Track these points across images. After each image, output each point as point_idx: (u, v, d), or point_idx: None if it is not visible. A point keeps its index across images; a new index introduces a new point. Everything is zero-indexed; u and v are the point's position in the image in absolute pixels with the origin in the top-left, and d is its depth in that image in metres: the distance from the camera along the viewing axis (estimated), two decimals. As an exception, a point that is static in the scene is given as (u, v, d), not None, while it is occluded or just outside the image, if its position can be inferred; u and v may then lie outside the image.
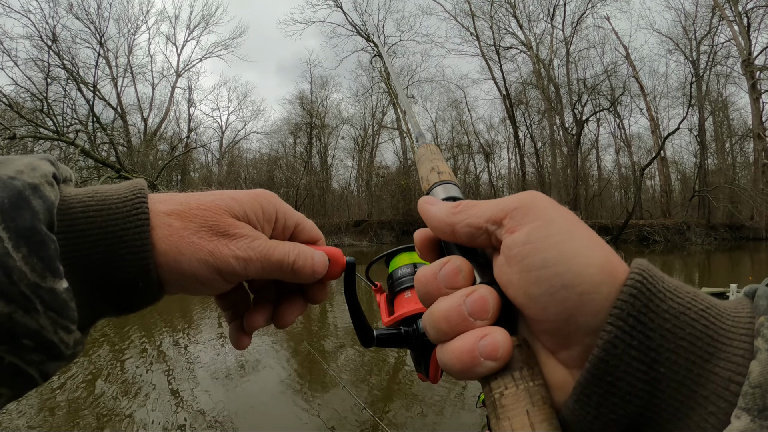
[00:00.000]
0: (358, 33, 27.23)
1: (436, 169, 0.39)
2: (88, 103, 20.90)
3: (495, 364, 0.26)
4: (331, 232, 22.50)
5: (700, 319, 0.24)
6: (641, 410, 0.24)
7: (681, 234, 22.01)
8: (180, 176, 27.09)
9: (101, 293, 0.32)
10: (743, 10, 20.97)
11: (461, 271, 0.30)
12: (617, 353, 0.24)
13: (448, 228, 0.32)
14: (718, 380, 0.23)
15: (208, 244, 0.35)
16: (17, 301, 0.26)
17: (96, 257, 0.31)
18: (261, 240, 0.38)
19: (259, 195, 0.40)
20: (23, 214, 0.27)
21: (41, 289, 0.27)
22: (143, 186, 0.35)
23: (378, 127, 29.03)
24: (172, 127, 28.71)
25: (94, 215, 0.32)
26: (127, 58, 25.65)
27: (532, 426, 0.25)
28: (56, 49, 19.39)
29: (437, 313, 0.29)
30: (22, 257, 0.26)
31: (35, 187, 0.29)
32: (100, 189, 0.34)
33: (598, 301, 0.24)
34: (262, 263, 0.37)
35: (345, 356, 5.64)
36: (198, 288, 0.36)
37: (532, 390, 0.26)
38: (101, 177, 18.13)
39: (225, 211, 0.37)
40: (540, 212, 0.28)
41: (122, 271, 0.32)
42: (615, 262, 0.26)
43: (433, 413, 4.00)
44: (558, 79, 25.45)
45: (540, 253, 0.26)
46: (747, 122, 23.88)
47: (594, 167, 27.84)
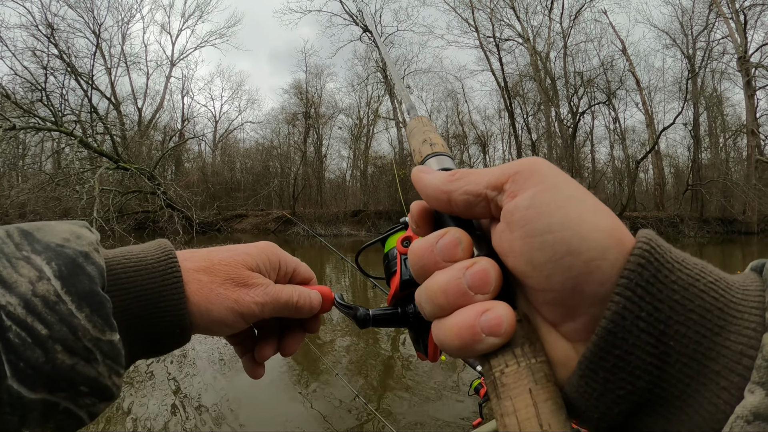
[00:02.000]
0: (354, 22, 27.05)
1: (429, 141, 0.37)
2: (86, 94, 20.72)
3: (498, 340, 0.25)
4: (329, 222, 22.49)
5: (709, 291, 0.23)
6: (650, 386, 0.23)
7: (674, 227, 22.25)
8: (174, 166, 26.91)
9: (141, 341, 0.37)
10: (740, 8, 21.08)
11: (460, 243, 0.28)
12: (626, 325, 0.23)
13: (444, 196, 0.30)
14: (730, 354, 0.22)
15: (232, 294, 0.42)
16: (80, 354, 0.30)
17: (138, 312, 0.36)
18: (271, 286, 0.45)
19: (265, 248, 0.48)
20: (81, 279, 0.31)
21: (101, 342, 0.31)
22: (170, 246, 0.41)
23: (374, 117, 29.00)
24: (166, 117, 28.51)
25: (134, 275, 0.37)
26: (121, 47, 25.36)
27: (535, 405, 0.24)
28: (54, 40, 19.09)
29: (434, 286, 0.28)
30: (85, 316, 0.31)
31: (86, 255, 0.33)
32: (133, 250, 0.40)
33: (606, 268, 0.23)
34: (274, 305, 0.44)
35: (340, 345, 5.67)
36: (224, 330, 0.42)
37: (535, 367, 0.25)
38: (99, 167, 18.00)
39: (242, 265, 0.44)
40: (543, 177, 0.26)
41: (162, 321, 0.37)
42: (622, 229, 0.25)
43: (428, 401, 4.05)
44: (555, 72, 25.50)
45: (544, 218, 0.25)
46: (741, 118, 24.12)
47: (588, 159, 28.00)
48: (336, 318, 7.22)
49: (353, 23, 27.07)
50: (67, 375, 0.30)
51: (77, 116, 20.43)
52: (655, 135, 23.64)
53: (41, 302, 0.29)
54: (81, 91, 21.17)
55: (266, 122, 32.88)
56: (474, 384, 2.24)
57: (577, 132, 25.11)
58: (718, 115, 25.07)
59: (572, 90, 25.13)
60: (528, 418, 0.23)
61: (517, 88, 26.35)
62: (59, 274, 0.31)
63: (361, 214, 23.40)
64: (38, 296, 0.29)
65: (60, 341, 0.29)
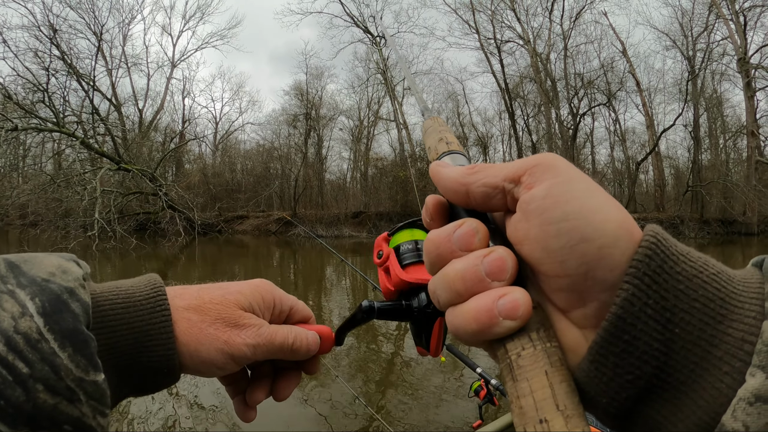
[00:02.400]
0: (355, 24, 27.11)
1: (445, 140, 0.39)
2: (87, 95, 20.75)
3: (514, 323, 0.26)
4: (331, 224, 22.51)
5: (712, 282, 0.24)
6: (657, 371, 0.24)
7: (675, 228, 22.27)
8: (175, 168, 26.93)
9: (127, 380, 0.36)
10: (740, 9, 21.12)
11: (477, 233, 0.29)
12: (634, 311, 0.24)
13: (462, 188, 0.31)
14: (732, 340, 0.23)
15: (223, 335, 0.40)
16: (63, 394, 0.29)
17: (125, 350, 0.35)
18: (265, 327, 0.43)
19: (259, 286, 0.46)
20: (65, 317, 0.30)
21: (85, 382, 0.30)
22: (160, 282, 0.40)
23: (374, 119, 29.03)
24: (167, 119, 28.55)
25: (122, 312, 0.36)
26: (122, 48, 25.41)
27: (551, 386, 0.24)
28: (56, 41, 19.12)
29: (452, 273, 0.28)
30: (68, 356, 0.30)
31: (71, 291, 0.32)
32: (122, 285, 0.38)
33: (616, 255, 0.25)
34: (268, 347, 0.43)
35: (340, 347, 5.61)
36: (214, 371, 0.41)
37: (550, 351, 0.26)
38: (101, 168, 18.04)
39: (234, 305, 0.43)
40: (559, 170, 0.28)
41: (150, 361, 0.36)
42: (632, 222, 0.26)
43: (428, 403, 4.04)
44: (555, 74, 25.54)
45: (561, 207, 0.26)
46: (741, 119, 24.15)
47: (588, 160, 28.03)
48: (334, 320, 7.25)
49: (354, 25, 27.13)
50: (49, 414, 0.29)
51: (78, 117, 20.46)
52: (655, 136, 23.68)
53: (23, 340, 0.29)
54: (82, 92, 21.23)
55: (266, 123, 32.99)
56: (474, 386, 2.24)
57: (577, 133, 25.14)
58: (718, 116, 25.11)
59: (573, 92, 25.18)
60: (545, 398, 0.24)
61: (518, 90, 26.41)
62: (42, 311, 0.30)
63: (362, 215, 23.43)
64: (20, 333, 0.29)
65: (41, 381, 0.29)
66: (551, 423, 0.24)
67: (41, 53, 19.35)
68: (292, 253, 17.03)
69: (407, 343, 5.87)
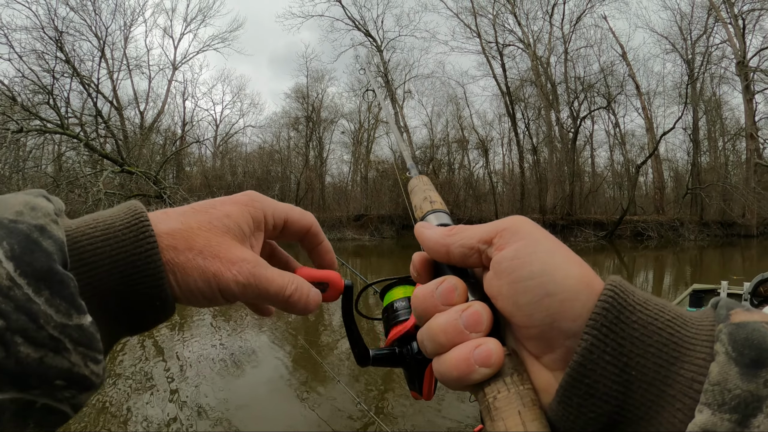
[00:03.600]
0: (356, 27, 27.26)
1: (429, 199, 0.43)
2: (91, 98, 20.84)
3: (488, 370, 0.29)
4: (333, 227, 22.62)
5: (666, 328, 0.27)
6: (617, 409, 0.27)
7: (674, 230, 22.39)
8: (175, 171, 26.99)
9: (118, 319, 0.33)
10: (739, 12, 21.25)
11: (456, 289, 0.33)
12: (593, 358, 0.26)
13: (443, 249, 0.35)
14: (683, 380, 0.25)
15: (212, 266, 0.36)
16: (47, 345, 0.27)
17: (111, 286, 0.32)
18: (261, 268, 0.39)
19: (247, 204, 0.41)
20: (37, 257, 0.27)
21: (69, 328, 0.28)
22: (141, 208, 0.36)
23: (375, 121, 29.15)
24: (168, 121, 28.58)
25: (102, 245, 0.32)
26: (124, 51, 25.50)
27: (524, 424, 0.27)
28: (61, 44, 19.19)
29: (435, 327, 0.32)
30: (45, 300, 0.27)
31: (42, 228, 0.29)
32: (99, 216, 0.34)
33: (577, 307, 0.28)
34: (259, 291, 0.38)
35: (341, 351, 5.68)
36: (203, 302, 0.38)
37: (523, 393, 0.29)
38: (104, 171, 18.11)
39: (223, 231, 0.38)
40: (526, 233, 0.31)
41: (139, 295, 0.33)
42: (591, 276, 0.29)
43: (429, 407, 4.05)
44: (555, 77, 25.68)
45: (527, 267, 0.29)
46: (739, 122, 24.27)
47: (588, 163, 28.15)
48: (336, 322, 7.25)
49: (355, 28, 27.30)
50: (36, 370, 0.26)
51: (79, 119, 20.50)
52: (654, 139, 23.79)
53: None
54: (83, 94, 21.28)
55: (267, 126, 33.09)
56: None
57: (577, 137, 25.26)
58: (717, 119, 25.23)
59: (573, 95, 25.31)
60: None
61: (518, 93, 26.54)
62: (11, 254, 0.27)
63: (364, 218, 23.53)
64: None
65: (19, 332, 0.26)
66: None
67: (46, 55, 19.41)
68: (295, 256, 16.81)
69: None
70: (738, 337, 0.25)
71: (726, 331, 0.26)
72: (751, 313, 0.27)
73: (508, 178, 29.04)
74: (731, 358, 0.24)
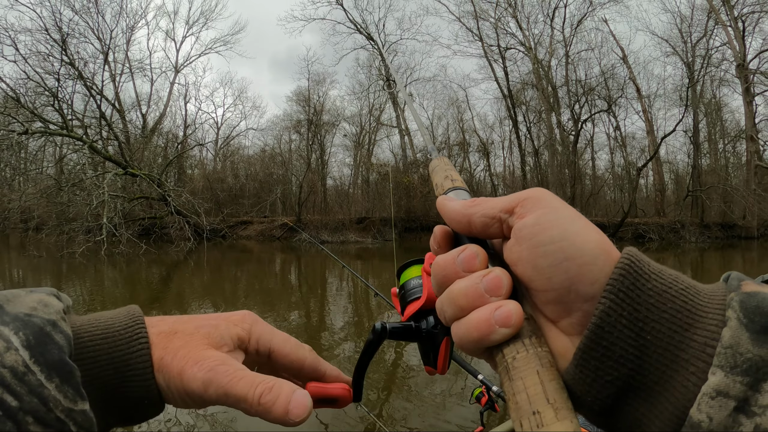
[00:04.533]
0: (358, 31, 27.37)
1: (450, 177, 0.44)
2: (95, 100, 20.92)
3: (508, 330, 0.30)
4: (335, 230, 22.69)
5: (680, 296, 0.28)
6: (633, 373, 0.28)
7: (675, 232, 22.41)
8: (177, 173, 27.07)
9: (111, 410, 0.35)
10: (738, 15, 21.31)
11: (478, 256, 0.34)
12: (611, 321, 0.27)
13: (465, 219, 0.36)
14: (696, 345, 0.26)
15: (179, 363, 0.36)
16: (53, 426, 0.29)
17: (107, 380, 0.34)
18: (225, 366, 0.36)
19: (237, 322, 0.42)
20: (50, 349, 0.30)
21: (74, 413, 0.30)
22: (139, 312, 0.39)
23: (376, 124, 29.24)
24: (169, 124, 28.66)
25: (101, 342, 0.35)
26: (126, 53, 25.59)
27: (542, 383, 0.28)
28: (65, 46, 19.23)
29: (456, 291, 0.33)
30: (56, 386, 0.30)
31: (54, 323, 0.32)
32: (101, 317, 0.38)
33: (595, 271, 0.29)
34: (224, 390, 0.35)
35: (341, 354, 5.68)
36: (183, 403, 0.38)
37: (541, 354, 0.29)
38: (108, 173, 18.21)
39: (203, 338, 0.39)
40: (546, 202, 0.32)
41: (131, 390, 0.35)
42: (609, 244, 0.30)
43: (430, 410, 4.07)
44: (556, 80, 25.75)
45: (547, 232, 0.30)
46: (740, 123, 24.33)
47: (589, 166, 28.21)
48: (336, 325, 7.26)
49: (357, 31, 27.40)
50: None
51: (80, 121, 20.56)
52: (655, 142, 23.83)
53: (10, 373, 0.29)
54: (85, 96, 21.33)
55: (267, 129, 33.21)
56: (475, 392, 2.25)
57: (578, 139, 25.33)
58: (717, 121, 25.28)
59: (574, 98, 25.38)
60: (536, 394, 0.28)
61: (519, 96, 26.61)
62: (27, 344, 0.30)
63: (366, 221, 23.58)
64: (6, 367, 0.29)
65: (31, 413, 0.28)
66: (543, 414, 0.27)
67: (51, 58, 19.45)
68: (297, 259, 17.04)
69: (408, 350, 5.93)
70: (749, 304, 0.26)
71: (737, 299, 0.27)
72: (762, 286, 0.28)
73: (509, 180, 29.07)
74: (742, 323, 0.25)
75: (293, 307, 8.44)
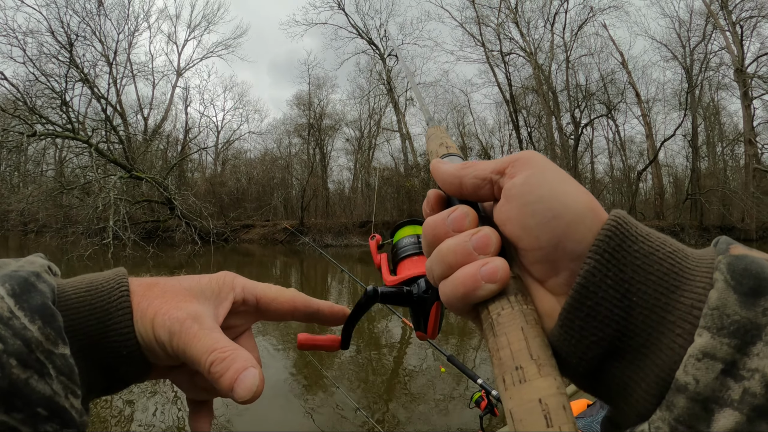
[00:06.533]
0: (359, 35, 27.54)
1: (445, 144, 0.44)
2: (100, 104, 21.03)
3: (494, 286, 0.30)
4: (339, 233, 22.79)
5: (667, 258, 0.28)
6: (618, 334, 0.27)
7: (675, 235, 22.12)
8: (178, 177, 27.11)
9: (94, 366, 0.35)
10: (737, 19, 21.46)
11: (468, 216, 0.34)
12: (596, 281, 0.27)
13: (456, 180, 0.35)
14: (683, 307, 0.26)
15: (154, 307, 0.36)
16: (33, 367, 0.30)
17: (88, 331, 0.34)
18: (196, 322, 0.36)
19: (218, 278, 0.42)
20: (33, 296, 0.32)
21: (54, 355, 0.31)
22: (124, 271, 0.39)
23: (376, 128, 29.37)
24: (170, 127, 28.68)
25: (84, 294, 0.35)
26: (128, 56, 25.69)
27: (526, 339, 0.28)
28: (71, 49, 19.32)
29: (445, 249, 0.33)
30: (38, 328, 0.30)
31: (38, 274, 0.33)
32: (87, 276, 0.38)
33: (583, 230, 0.29)
34: (183, 347, 0.35)
35: (341, 358, 5.69)
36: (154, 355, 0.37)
37: (526, 311, 0.29)
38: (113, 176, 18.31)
39: (183, 289, 0.39)
40: (536, 163, 0.32)
41: (111, 340, 0.35)
42: (597, 205, 0.30)
43: (429, 414, 4.09)
44: (557, 85, 25.90)
45: (536, 191, 0.30)
46: (738, 127, 24.43)
47: (588, 170, 28.33)
48: (336, 329, 7.34)
49: (358, 36, 27.56)
50: (22, 391, 0.29)
51: (81, 123, 20.57)
52: (654, 146, 23.98)
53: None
54: (86, 98, 21.49)
55: (268, 133, 33.15)
56: (475, 397, 2.26)
57: (579, 144, 25.48)
58: (715, 124, 25.41)
59: (575, 103, 25.52)
60: (520, 350, 0.27)
61: (519, 100, 26.76)
62: (12, 293, 0.31)
63: (369, 224, 23.60)
64: None
65: (14, 355, 0.29)
66: (525, 370, 0.27)
67: (57, 60, 19.50)
68: (299, 263, 17.10)
69: (408, 354, 6.02)
70: (737, 267, 0.25)
71: (725, 261, 0.26)
72: (751, 249, 0.28)
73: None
74: (729, 285, 0.25)
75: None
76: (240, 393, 0.34)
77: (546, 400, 0.25)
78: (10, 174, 22.09)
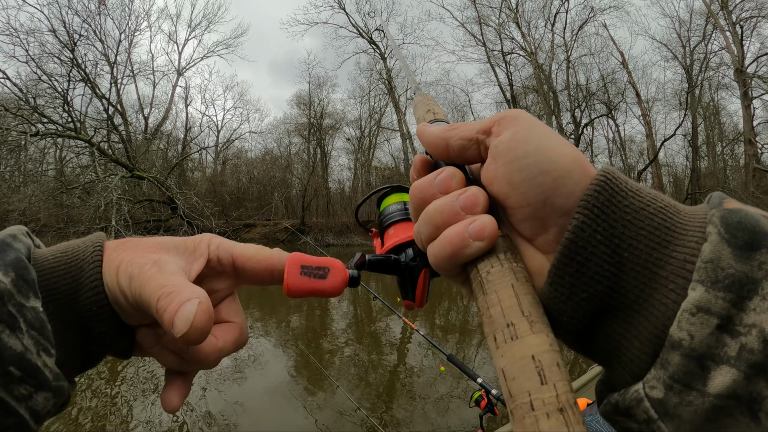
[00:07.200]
0: (360, 35, 27.54)
1: (432, 111, 0.43)
2: (102, 103, 21.03)
3: (482, 243, 0.29)
4: (340, 233, 22.85)
5: (658, 213, 0.27)
6: (609, 291, 0.27)
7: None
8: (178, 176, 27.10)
9: (70, 328, 0.34)
10: (737, 20, 21.47)
11: (454, 177, 0.33)
12: (585, 236, 0.27)
13: (442, 143, 0.35)
14: (675, 262, 0.25)
15: (119, 259, 0.35)
16: (5, 320, 0.29)
17: (64, 289, 0.34)
18: (156, 266, 0.34)
19: (198, 236, 0.41)
20: (8, 252, 0.32)
21: (25, 309, 0.30)
22: (103, 235, 0.38)
23: (377, 128, 29.38)
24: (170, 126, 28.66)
25: (60, 255, 0.35)
26: (128, 56, 25.70)
27: (516, 296, 0.27)
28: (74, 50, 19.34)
29: (432, 209, 0.32)
30: (11, 281, 0.30)
31: (14, 235, 0.34)
32: (65, 243, 0.37)
33: (570, 185, 0.28)
34: (139, 290, 0.33)
35: (342, 357, 5.75)
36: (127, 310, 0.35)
37: (516, 269, 0.29)
38: (115, 175, 18.34)
39: (154, 244, 0.38)
40: (522, 120, 0.32)
41: (83, 297, 0.34)
42: (585, 160, 0.30)
43: (429, 413, 4.12)
44: (557, 85, 25.91)
45: (522, 147, 0.30)
46: (738, 127, 24.44)
47: (588, 169, 28.28)
48: (337, 329, 7.31)
49: (359, 35, 27.55)
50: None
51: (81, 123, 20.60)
52: (654, 145, 24.00)
53: None
54: (87, 97, 21.45)
55: (268, 132, 33.16)
56: (474, 396, 2.27)
57: (579, 144, 25.48)
58: (715, 124, 25.43)
59: (575, 103, 25.54)
60: (511, 306, 0.27)
61: (520, 99, 26.77)
62: None
63: (370, 224, 23.59)
64: None
65: None
66: (517, 326, 0.26)
67: (59, 59, 19.48)
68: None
69: (409, 354, 6.02)
70: (731, 220, 0.25)
71: (718, 214, 0.25)
72: (745, 204, 0.27)
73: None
74: (723, 238, 0.24)
75: (294, 311, 8.49)
76: (178, 327, 0.30)
77: (539, 356, 0.25)
78: (11, 174, 22.09)
